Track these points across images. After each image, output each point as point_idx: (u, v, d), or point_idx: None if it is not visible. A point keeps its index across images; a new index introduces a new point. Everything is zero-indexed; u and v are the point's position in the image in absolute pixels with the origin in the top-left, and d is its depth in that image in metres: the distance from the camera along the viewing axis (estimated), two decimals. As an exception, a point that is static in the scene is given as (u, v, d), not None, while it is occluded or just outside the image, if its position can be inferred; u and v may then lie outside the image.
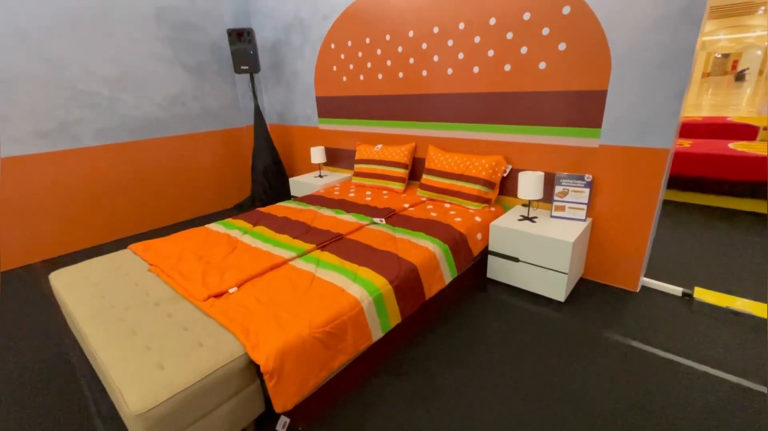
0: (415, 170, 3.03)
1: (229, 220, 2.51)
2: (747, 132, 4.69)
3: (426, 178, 2.75)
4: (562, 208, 2.23)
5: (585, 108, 2.09)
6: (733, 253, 2.56)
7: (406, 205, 2.59)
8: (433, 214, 2.42)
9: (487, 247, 2.33)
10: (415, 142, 2.99)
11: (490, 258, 2.33)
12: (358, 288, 1.61)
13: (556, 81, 2.16)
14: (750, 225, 2.96)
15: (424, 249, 1.96)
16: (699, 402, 1.48)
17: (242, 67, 3.54)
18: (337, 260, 1.85)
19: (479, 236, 2.28)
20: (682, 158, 3.49)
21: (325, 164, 3.88)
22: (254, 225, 2.40)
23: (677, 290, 2.15)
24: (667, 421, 1.41)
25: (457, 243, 2.12)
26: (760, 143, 3.73)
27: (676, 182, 3.54)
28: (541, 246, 2.05)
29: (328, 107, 3.58)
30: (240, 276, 1.70)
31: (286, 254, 1.92)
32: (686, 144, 3.82)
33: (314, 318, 1.42)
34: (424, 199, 2.72)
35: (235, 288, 1.63)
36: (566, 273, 2.01)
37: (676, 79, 1.80)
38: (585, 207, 2.16)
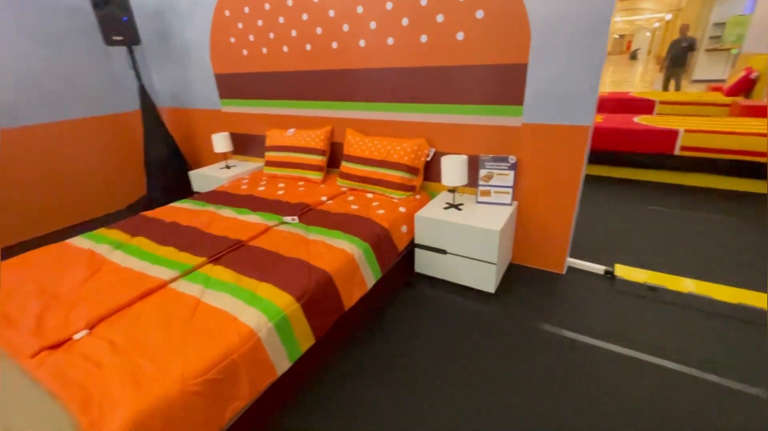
0: (334, 157, 2.72)
1: (100, 231, 2.01)
2: (646, 106, 5.08)
3: (345, 166, 2.46)
4: (488, 193, 2.09)
5: (506, 83, 1.94)
6: (645, 225, 2.66)
7: (324, 198, 2.28)
8: (354, 207, 2.16)
9: (413, 240, 2.13)
10: (332, 124, 2.67)
11: (417, 252, 2.14)
12: (255, 312, 1.30)
13: (475, 54, 1.97)
14: (660, 197, 3.14)
15: (341, 252, 1.69)
16: (634, 389, 1.43)
17: (114, 38, 2.87)
18: (232, 276, 1.51)
19: (404, 229, 2.07)
20: (596, 133, 3.61)
21: (232, 153, 3.39)
22: (132, 235, 1.94)
23: (600, 269, 2.15)
24: (606, 413, 1.33)
25: (379, 240, 1.89)
26: (658, 116, 3.99)
27: (591, 156, 3.66)
28: (468, 236, 1.90)
29: (231, 86, 3.08)
30: (94, 313, 1.29)
31: (165, 274, 1.53)
32: (599, 119, 3.98)
33: (190, 365, 1.08)
34: (344, 189, 2.44)
35: (85, 332, 1.22)
36: (495, 264, 1.88)
37: (594, 51, 1.69)
38: (510, 191, 2.04)
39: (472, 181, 2.20)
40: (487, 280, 1.96)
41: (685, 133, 3.21)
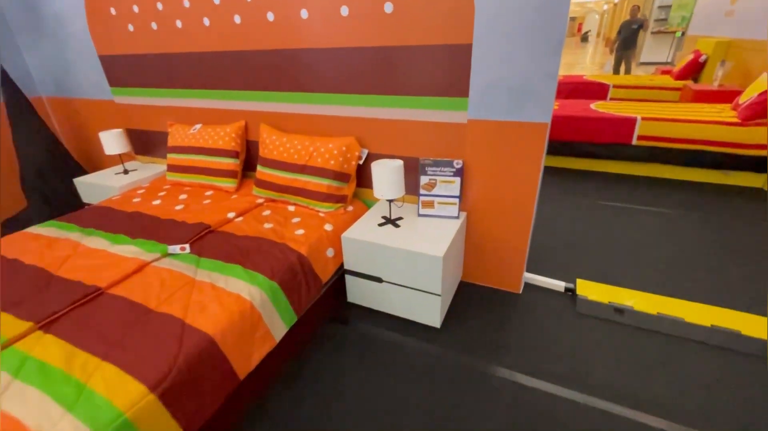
0: (252, 159, 2.24)
1: None
2: (600, 90, 4.93)
3: (261, 172, 2.00)
4: (431, 204, 1.73)
5: (448, 69, 1.55)
6: (605, 225, 2.43)
7: (232, 215, 1.82)
8: (268, 226, 1.72)
9: (342, 265, 1.74)
10: (246, 118, 2.18)
11: (349, 279, 1.75)
12: (72, 425, 0.86)
13: (408, 31, 1.56)
14: (618, 191, 2.94)
15: (235, 300, 1.27)
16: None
17: (-50, 7, 2.18)
18: (60, 357, 1.04)
19: (330, 252, 1.67)
20: (552, 122, 3.35)
21: (136, 153, 2.80)
22: (-54, 284, 1.40)
23: (560, 285, 1.87)
24: None
25: (294, 273, 1.48)
26: (614, 103, 3.81)
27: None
28: (406, 262, 1.53)
29: (121, 71, 2.48)
30: None
31: (-42, 357, 1.04)
32: (555, 106, 3.73)
33: None
34: (260, 201, 1.99)
35: None
36: (439, 295, 1.54)
37: (552, 29, 1.34)
38: (457, 201, 1.69)
39: (414, 188, 1.83)
40: (431, 313, 1.61)
41: (642, 121, 3.01)
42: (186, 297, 1.28)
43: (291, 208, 1.90)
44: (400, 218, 1.74)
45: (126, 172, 2.55)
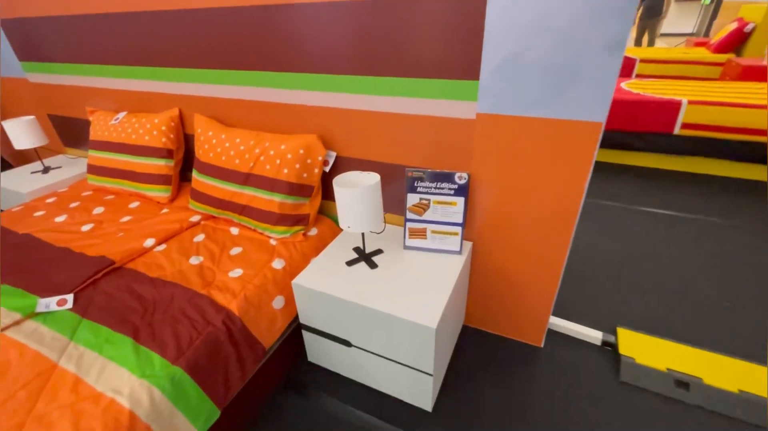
0: (192, 158, 1.72)
1: None
2: (624, 65, 4.30)
3: (197, 180, 1.49)
4: (421, 233, 1.23)
5: (448, 37, 1.02)
6: (651, 241, 1.93)
7: (150, 242, 1.33)
8: (196, 261, 1.24)
9: (297, 318, 1.26)
10: (180, 105, 1.65)
11: (307, 336, 1.28)
12: None
13: (390, -24, 1.02)
14: (663, 193, 2.41)
15: (104, 410, 0.80)
16: None
17: None
18: None
19: (280, 302, 1.19)
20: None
21: (65, 146, 2.28)
22: None
23: (595, 337, 1.39)
24: None
25: (216, 345, 1.00)
26: (649, 81, 3.21)
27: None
28: (385, 328, 1.05)
29: (30, 40, 1.92)
30: None
31: None
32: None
33: None
34: (196, 219, 1.49)
35: None
36: (431, 375, 1.06)
37: (623, -33, 0.80)
38: (460, 230, 1.19)
39: (398, 203, 1.33)
40: (420, 394, 1.14)
41: (688, 106, 2.45)
42: (27, 406, 0.81)
43: (234, 231, 1.41)
44: (377, 252, 1.24)
45: (46, 170, 2.04)
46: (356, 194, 1.04)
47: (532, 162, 1.06)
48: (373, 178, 1.10)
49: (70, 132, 2.17)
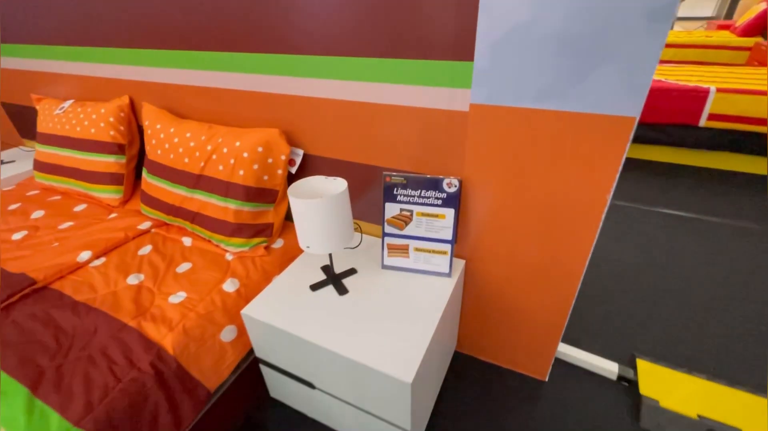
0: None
1: None
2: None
3: (147, 182, 1.28)
4: (403, 251, 1.01)
5: (434, 4, 0.78)
6: (672, 253, 1.70)
7: (86, 255, 1.12)
8: (135, 280, 1.04)
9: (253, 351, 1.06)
10: (132, 92, 1.43)
11: (266, 371, 1.07)
12: None
13: None
14: (687, 193, 2.16)
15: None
16: None
17: None
18: None
19: (230, 333, 0.98)
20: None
21: (22, 137, 2.07)
22: None
23: (610, 370, 1.18)
24: None
25: (141, 395, 0.80)
26: (669, 66, 2.93)
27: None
28: (351, 375, 0.84)
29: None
30: None
31: None
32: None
33: None
34: (146, 226, 1.28)
35: None
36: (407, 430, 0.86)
37: None
38: (449, 248, 0.97)
39: (375, 210, 1.12)
40: (396, 448, 0.94)
41: (716, 94, 2.19)
42: None
43: (186, 242, 1.20)
44: (350, 272, 1.03)
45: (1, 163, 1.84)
46: (317, 206, 0.82)
47: (540, 166, 0.83)
48: (339, 185, 0.88)
49: (24, 122, 1.96)
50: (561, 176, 0.82)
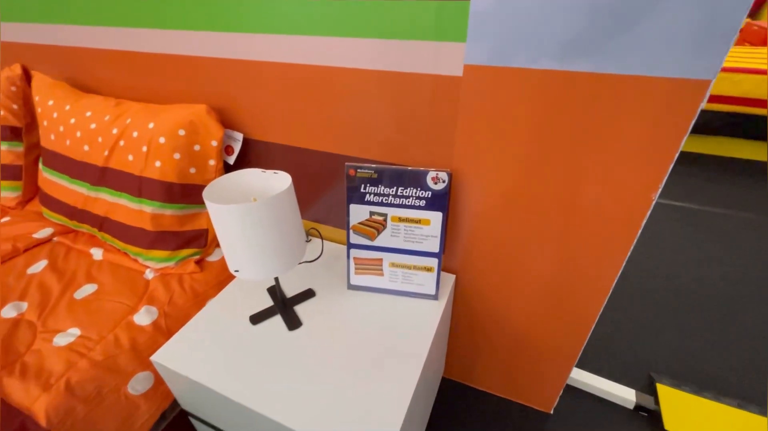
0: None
1: None
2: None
3: (44, 176, 0.99)
4: (375, 267, 0.77)
5: None
6: (685, 252, 1.53)
7: (-49, 277, 0.84)
8: (13, 312, 0.76)
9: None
10: (26, 59, 1.11)
11: (196, 423, 0.82)
12: None
13: None
14: (690, 181, 1.99)
15: None
16: None
17: None
18: None
19: (144, 382, 0.72)
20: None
21: None
22: None
23: (626, 397, 0.99)
24: None
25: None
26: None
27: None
28: (301, 445, 0.61)
29: None
30: None
31: None
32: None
33: None
34: (45, 234, 0.98)
35: None
36: None
37: None
38: (436, 263, 0.73)
39: (336, 207, 0.87)
40: None
41: (718, 74, 2.01)
42: None
43: (96, 254, 0.92)
44: (305, 295, 0.78)
45: None
46: (244, 213, 0.56)
47: (561, 153, 0.60)
48: (281, 181, 0.62)
49: None
50: (591, 167, 0.59)
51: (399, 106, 0.68)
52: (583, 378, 1.02)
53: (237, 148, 0.86)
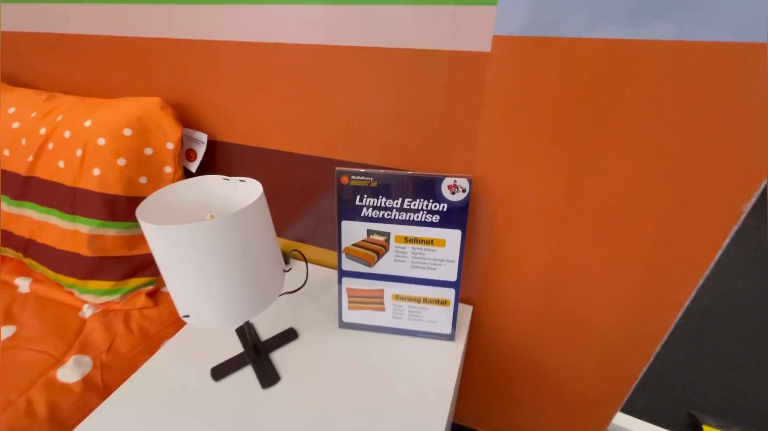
0: None
1: None
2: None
3: (-40, 186, 0.80)
4: (374, 299, 0.61)
5: None
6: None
7: None
8: None
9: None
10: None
11: None
12: None
13: None
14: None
15: None
16: None
17: None
18: None
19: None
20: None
21: None
22: None
23: (671, 445, 0.84)
24: None
25: None
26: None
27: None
28: None
29: None
30: None
31: None
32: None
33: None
34: (-39, 259, 0.80)
35: None
36: None
37: None
38: (453, 295, 0.58)
39: (326, 233, 0.71)
40: None
41: None
42: None
43: (22, 286, 0.73)
44: (286, 336, 0.61)
45: None
46: (196, 237, 0.40)
47: (622, 151, 0.46)
48: (250, 192, 0.47)
49: None
50: (666, 170, 0.45)
51: (405, 94, 0.54)
52: (620, 422, 0.87)
53: (200, 152, 0.70)
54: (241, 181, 0.48)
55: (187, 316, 0.44)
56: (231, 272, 0.43)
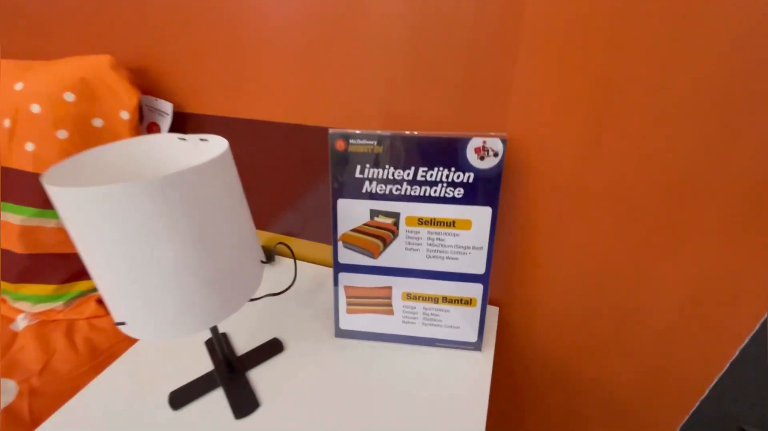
0: None
1: None
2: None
3: None
4: (380, 299, 0.48)
5: None
6: None
7: None
8: None
9: None
10: None
11: None
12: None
13: None
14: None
15: None
16: None
17: None
18: None
19: None
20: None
21: None
22: None
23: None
24: None
25: None
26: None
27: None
28: None
29: None
30: None
31: None
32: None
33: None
34: None
35: None
36: None
37: None
38: (480, 292, 0.46)
39: (320, 223, 0.58)
40: None
41: None
42: None
43: (-56, 295, 0.60)
44: (266, 351, 0.48)
45: None
46: (127, 205, 0.27)
47: (701, 106, 0.35)
48: (212, 149, 0.34)
49: None
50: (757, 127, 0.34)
51: (416, 36, 0.42)
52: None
53: (165, 125, 0.57)
54: (202, 140, 0.36)
55: (122, 324, 0.32)
56: (180, 258, 0.30)
